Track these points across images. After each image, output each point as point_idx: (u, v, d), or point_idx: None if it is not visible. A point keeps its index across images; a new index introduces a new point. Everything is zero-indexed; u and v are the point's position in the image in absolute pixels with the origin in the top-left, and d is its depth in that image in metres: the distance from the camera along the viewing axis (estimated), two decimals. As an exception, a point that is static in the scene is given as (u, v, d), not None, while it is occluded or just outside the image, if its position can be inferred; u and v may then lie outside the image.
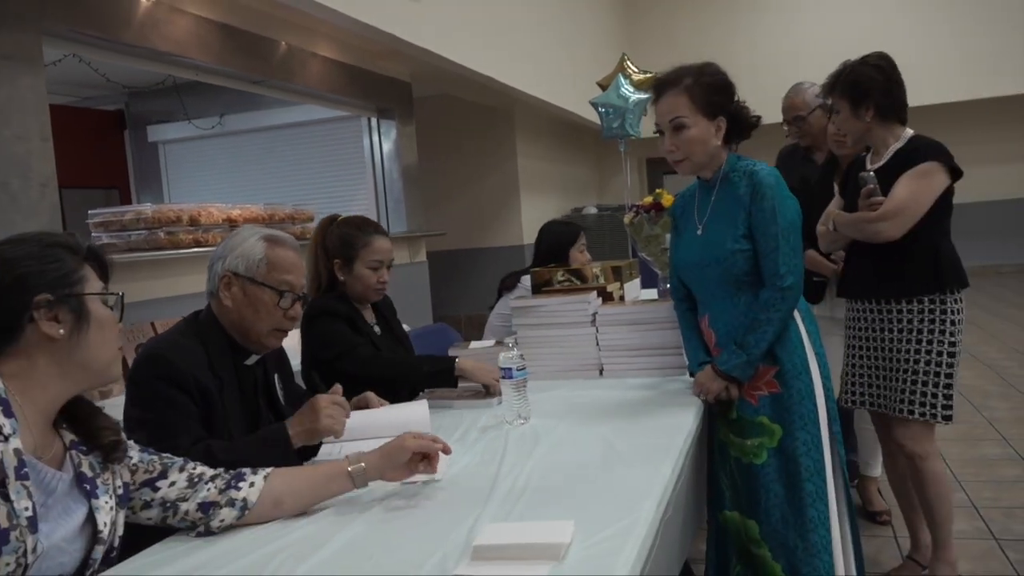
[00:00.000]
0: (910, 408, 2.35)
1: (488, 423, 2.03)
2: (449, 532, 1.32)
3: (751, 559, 2.03)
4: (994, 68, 10.18)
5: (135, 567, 1.30)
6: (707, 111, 2.00)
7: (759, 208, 1.97)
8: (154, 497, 1.38)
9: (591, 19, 9.34)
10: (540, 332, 2.49)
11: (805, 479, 1.95)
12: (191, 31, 4.05)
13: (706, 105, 2.00)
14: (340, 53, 5.37)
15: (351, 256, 2.37)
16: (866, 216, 2.35)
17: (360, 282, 2.38)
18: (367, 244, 2.38)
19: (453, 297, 8.15)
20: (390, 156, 6.39)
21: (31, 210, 2.93)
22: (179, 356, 1.68)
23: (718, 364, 2.01)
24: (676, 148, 2.03)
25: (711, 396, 2.03)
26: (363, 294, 2.41)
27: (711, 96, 2.01)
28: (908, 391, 2.35)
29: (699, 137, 2.01)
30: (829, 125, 2.76)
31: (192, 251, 3.56)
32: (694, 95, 2.00)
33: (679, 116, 2.00)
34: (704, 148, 2.02)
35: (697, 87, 2.00)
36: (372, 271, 2.38)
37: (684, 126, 2.00)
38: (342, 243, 2.38)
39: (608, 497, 1.43)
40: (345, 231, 2.40)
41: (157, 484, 1.39)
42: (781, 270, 1.95)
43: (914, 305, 2.36)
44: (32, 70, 2.98)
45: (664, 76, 2.07)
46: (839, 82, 2.42)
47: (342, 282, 2.39)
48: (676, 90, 2.01)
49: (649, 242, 3.31)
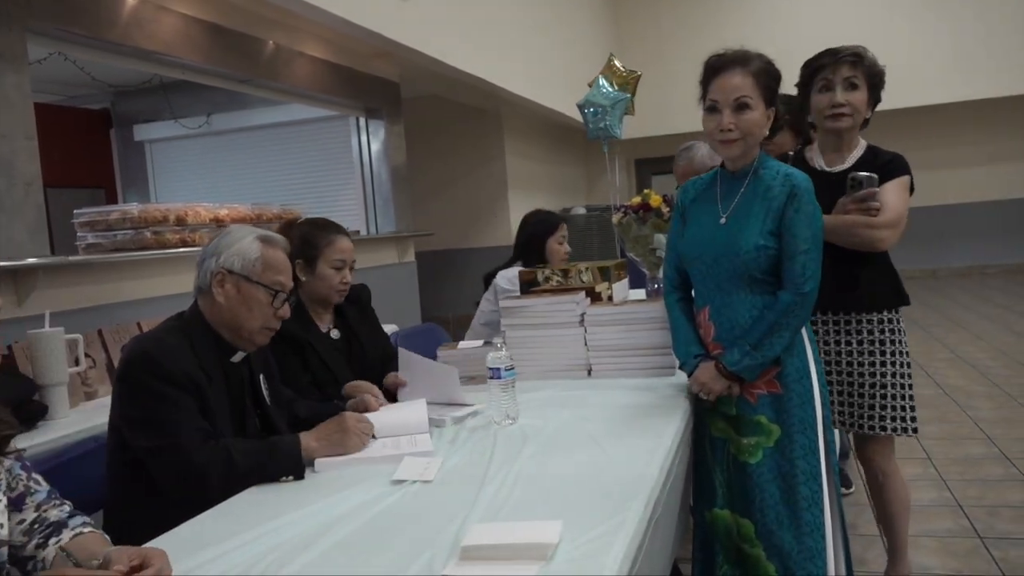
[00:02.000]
0: (881, 424, 2.32)
1: (477, 424, 2.03)
2: (437, 532, 1.32)
3: (742, 559, 2.02)
4: (985, 69, 10.26)
5: (121, 569, 1.29)
6: (767, 98, 1.99)
7: (796, 210, 1.95)
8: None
9: (580, 20, 9.35)
10: (528, 332, 2.49)
11: (801, 482, 1.95)
12: (178, 30, 4.03)
13: (767, 92, 1.99)
14: (328, 53, 5.36)
15: (313, 256, 2.32)
16: (869, 221, 2.24)
17: (323, 282, 2.33)
18: (330, 243, 2.34)
19: (442, 297, 8.14)
20: (378, 156, 6.38)
21: (16, 210, 2.91)
22: (166, 352, 1.69)
23: (726, 364, 1.98)
24: (735, 126, 1.98)
25: (713, 395, 2.02)
26: (326, 295, 2.36)
27: (773, 83, 2.01)
28: (879, 406, 2.32)
29: (758, 121, 1.99)
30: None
31: (179, 251, 3.54)
32: (759, 79, 1.98)
33: (745, 96, 1.97)
34: (760, 132, 2.01)
35: (764, 72, 1.99)
36: (335, 271, 2.34)
37: (748, 106, 1.97)
38: (303, 243, 2.32)
39: (596, 497, 1.43)
40: (306, 231, 2.35)
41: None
42: (806, 275, 1.94)
43: (873, 316, 2.33)
44: (16, 68, 2.95)
45: (733, 53, 2.03)
46: (867, 63, 2.30)
47: (302, 283, 2.32)
48: (745, 70, 1.98)
49: (637, 242, 3.31)
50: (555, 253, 3.40)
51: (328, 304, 2.41)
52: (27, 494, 1.33)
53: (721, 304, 2.04)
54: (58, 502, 1.35)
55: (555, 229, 3.41)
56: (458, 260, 8.39)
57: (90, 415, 2.44)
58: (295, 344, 2.27)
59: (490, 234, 8.48)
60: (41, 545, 1.27)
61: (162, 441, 1.63)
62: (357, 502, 1.50)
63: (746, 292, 2.00)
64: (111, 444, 1.76)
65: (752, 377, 1.99)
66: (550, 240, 3.39)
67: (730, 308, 2.02)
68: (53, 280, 2.99)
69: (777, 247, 1.97)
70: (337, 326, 2.44)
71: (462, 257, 8.38)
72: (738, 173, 2.06)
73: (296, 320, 2.26)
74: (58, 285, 3.02)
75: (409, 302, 6.27)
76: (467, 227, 8.52)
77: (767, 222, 1.97)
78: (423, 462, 1.68)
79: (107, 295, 3.26)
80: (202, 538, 1.39)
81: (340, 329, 2.44)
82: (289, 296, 1.87)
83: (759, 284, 1.99)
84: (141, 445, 1.66)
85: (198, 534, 1.42)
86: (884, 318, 2.33)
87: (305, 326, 2.32)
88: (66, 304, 3.01)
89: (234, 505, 1.57)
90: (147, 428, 1.65)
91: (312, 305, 2.38)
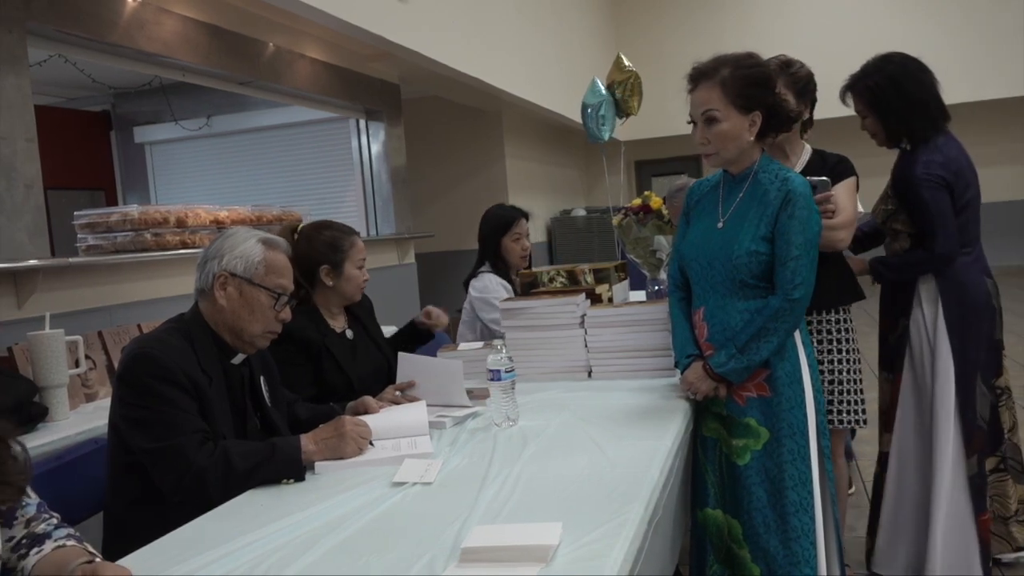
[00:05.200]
0: (839, 418, 2.36)
1: (477, 425, 2.03)
2: (437, 534, 1.32)
3: (731, 559, 2.02)
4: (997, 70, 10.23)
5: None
6: (741, 105, 1.94)
7: (789, 215, 1.93)
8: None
9: (580, 21, 9.36)
10: (528, 334, 2.49)
11: (789, 487, 1.94)
12: (178, 32, 4.03)
13: (740, 99, 1.94)
14: (328, 54, 5.37)
15: (340, 259, 2.35)
16: (829, 223, 2.24)
17: (351, 283, 2.37)
18: (353, 244, 2.39)
19: (442, 298, 8.12)
20: (378, 158, 6.39)
21: (16, 212, 2.91)
22: (167, 353, 1.69)
23: (712, 365, 1.99)
24: (707, 141, 1.98)
25: (700, 395, 2.03)
26: (352, 295, 2.40)
27: (746, 90, 1.94)
28: (837, 401, 2.36)
29: (730, 132, 1.96)
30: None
31: (179, 253, 3.54)
32: (728, 88, 1.94)
33: (711, 109, 1.95)
34: (736, 143, 1.98)
35: (732, 80, 1.94)
36: (359, 269, 2.39)
37: (715, 119, 1.95)
38: (331, 248, 2.35)
39: (596, 499, 1.43)
40: (329, 235, 2.38)
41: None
42: (796, 280, 1.93)
43: (831, 315, 2.36)
44: (17, 70, 2.96)
45: (701, 66, 2.00)
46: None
47: (329, 288, 2.35)
48: (710, 82, 1.95)
49: (637, 244, 3.31)
50: (511, 252, 3.24)
51: (345, 305, 2.44)
52: (17, 508, 1.29)
53: (715, 306, 2.04)
54: (47, 515, 1.32)
55: (508, 227, 3.23)
56: (458, 262, 8.38)
57: (90, 417, 2.44)
58: (309, 350, 2.28)
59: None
60: (23, 556, 1.26)
61: (160, 443, 1.63)
62: (358, 504, 1.50)
63: (736, 297, 2.00)
64: (111, 445, 1.76)
65: (738, 380, 1.99)
66: (504, 239, 3.22)
67: (723, 311, 2.02)
68: (53, 282, 2.99)
69: (769, 253, 1.96)
70: (351, 326, 2.47)
71: (462, 259, 8.37)
72: (738, 177, 2.06)
73: (311, 323, 2.30)
74: (58, 287, 3.02)
75: (409, 303, 6.27)
76: (467, 229, 8.47)
77: (760, 227, 1.96)
78: (423, 464, 1.68)
79: (107, 297, 3.26)
80: (203, 540, 1.39)
81: (353, 328, 2.47)
82: (291, 299, 1.87)
83: (751, 289, 1.99)
84: (140, 446, 1.66)
85: (199, 536, 1.42)
86: (839, 318, 2.37)
87: (321, 329, 2.33)
88: (66, 306, 3.02)
89: (235, 507, 1.57)
90: (146, 429, 1.65)
91: (329, 307, 2.40)
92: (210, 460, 1.62)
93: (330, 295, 2.38)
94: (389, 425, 1.92)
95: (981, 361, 2.49)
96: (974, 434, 2.46)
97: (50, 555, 1.25)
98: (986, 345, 2.51)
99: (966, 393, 2.45)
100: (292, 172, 7.52)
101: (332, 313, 2.41)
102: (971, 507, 2.45)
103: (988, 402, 2.52)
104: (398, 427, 1.91)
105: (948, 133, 2.52)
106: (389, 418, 2.00)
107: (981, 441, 2.49)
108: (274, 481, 1.66)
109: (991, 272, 2.57)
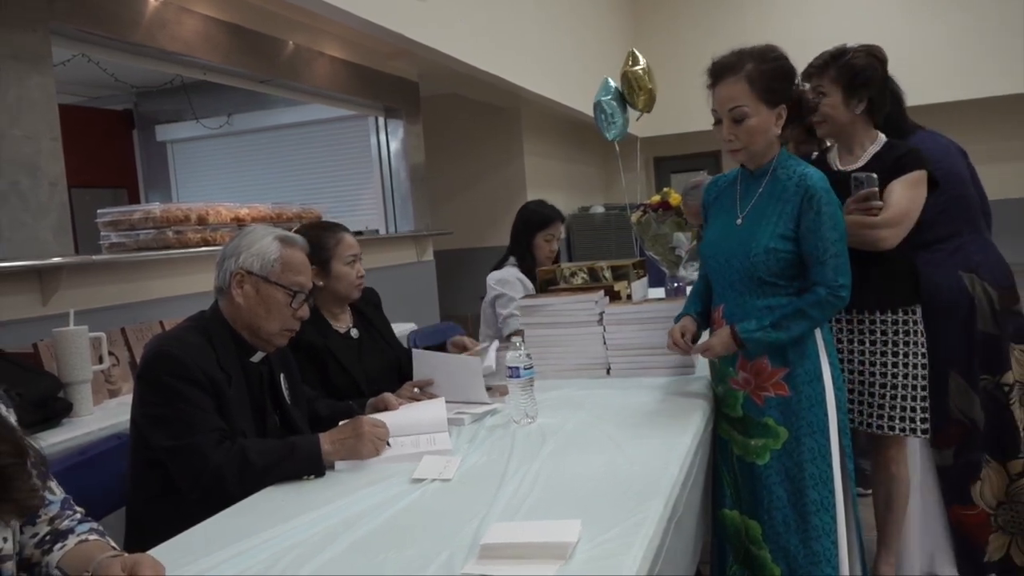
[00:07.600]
0: (890, 424, 2.29)
1: (496, 422, 2.03)
2: (456, 531, 1.32)
3: (750, 560, 2.01)
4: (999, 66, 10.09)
5: (143, 566, 1.30)
6: (768, 99, 1.90)
7: (816, 213, 1.90)
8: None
9: (598, 17, 9.33)
10: (547, 331, 2.48)
11: (809, 486, 1.93)
12: (199, 31, 4.06)
13: (767, 93, 1.90)
14: (347, 52, 5.38)
15: (326, 258, 2.30)
16: (869, 221, 2.18)
17: (342, 281, 2.33)
18: (338, 241, 2.34)
19: (460, 296, 8.15)
20: (397, 155, 6.40)
21: (41, 210, 2.94)
22: (186, 351, 1.70)
23: (740, 329, 1.95)
24: (735, 137, 1.94)
25: (710, 354, 2.05)
26: (346, 293, 2.36)
27: (773, 83, 1.91)
28: (888, 406, 2.29)
29: (759, 127, 1.92)
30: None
31: (200, 250, 3.57)
32: (755, 83, 1.89)
33: (740, 106, 1.90)
34: (764, 138, 1.94)
35: (759, 74, 1.89)
36: (350, 267, 2.34)
37: (745, 115, 1.91)
38: (313, 248, 2.27)
39: (615, 496, 1.43)
40: (311, 234, 2.30)
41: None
42: (840, 280, 1.90)
43: (888, 316, 2.29)
44: (41, 69, 2.99)
45: (723, 60, 1.95)
46: (836, 65, 2.27)
47: (319, 288, 2.29)
48: (735, 77, 1.90)
49: (656, 241, 3.29)
50: (541, 250, 3.30)
51: (346, 303, 2.41)
52: (40, 506, 1.28)
53: (734, 304, 2.03)
54: (71, 512, 1.33)
55: (545, 225, 3.30)
56: (477, 259, 8.38)
57: (113, 412, 2.46)
58: (311, 352, 2.26)
59: (509, 233, 8.47)
60: (47, 551, 1.27)
61: (179, 441, 1.64)
62: (376, 501, 1.51)
63: (753, 295, 1.98)
64: (132, 441, 1.78)
65: (756, 351, 1.97)
66: (538, 236, 3.29)
67: (742, 309, 2.01)
68: (77, 279, 3.02)
69: (789, 250, 1.93)
70: (356, 325, 2.44)
71: (481, 256, 8.37)
72: (756, 173, 2.03)
73: (312, 326, 2.26)
74: (82, 284, 3.05)
75: (428, 301, 6.29)
76: (486, 226, 8.51)
77: (779, 225, 1.94)
78: (442, 461, 1.69)
79: (130, 294, 3.30)
80: (222, 536, 1.40)
81: (359, 327, 2.44)
82: (308, 296, 1.87)
83: (769, 287, 1.97)
84: (159, 444, 1.67)
85: (218, 532, 1.43)
86: (899, 319, 2.30)
87: (322, 331, 2.31)
88: (90, 303, 3.05)
89: (254, 503, 1.58)
90: (165, 427, 1.66)
91: (329, 307, 2.38)
92: (226, 458, 1.63)
93: (326, 296, 2.34)
94: (408, 422, 1.92)
95: (957, 355, 2.43)
96: (949, 428, 2.45)
97: (73, 550, 1.26)
98: (968, 339, 2.43)
99: (936, 385, 2.39)
100: (311, 169, 7.56)
101: (333, 314, 2.39)
102: (940, 498, 2.45)
103: (972, 397, 2.45)
104: (417, 424, 1.92)
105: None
106: (408, 415, 2.00)
107: (959, 434, 2.46)
108: (294, 478, 1.67)
109: (976, 266, 2.45)
